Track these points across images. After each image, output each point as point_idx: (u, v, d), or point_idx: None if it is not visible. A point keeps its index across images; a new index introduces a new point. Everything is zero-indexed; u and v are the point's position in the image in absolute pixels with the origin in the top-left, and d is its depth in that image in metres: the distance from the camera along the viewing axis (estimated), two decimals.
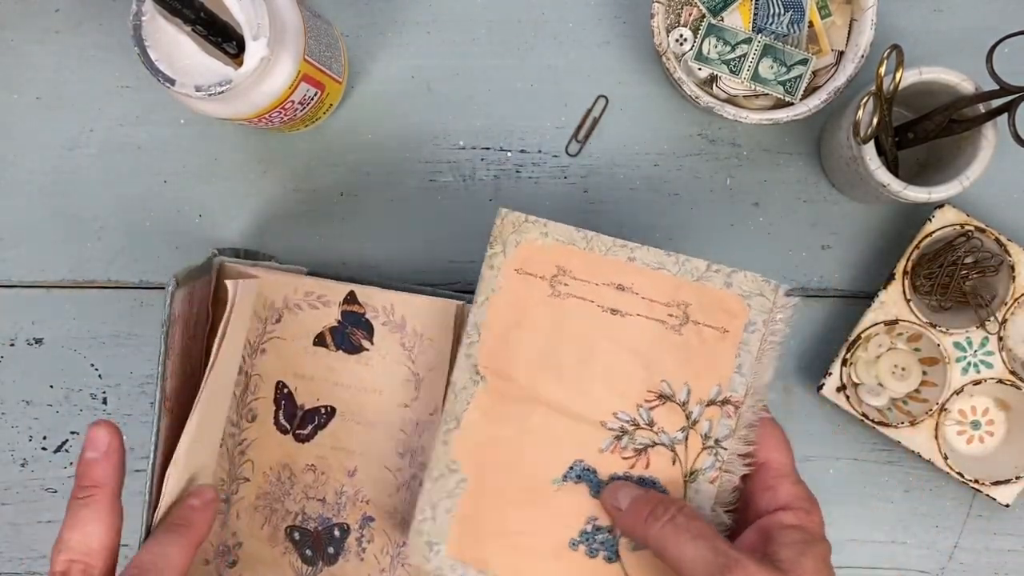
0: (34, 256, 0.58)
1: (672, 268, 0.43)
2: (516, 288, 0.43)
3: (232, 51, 0.45)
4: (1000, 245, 0.53)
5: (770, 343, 0.41)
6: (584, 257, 0.43)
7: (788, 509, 0.40)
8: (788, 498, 0.40)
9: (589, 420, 0.42)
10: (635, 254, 0.43)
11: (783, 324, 0.41)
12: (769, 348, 0.41)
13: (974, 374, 0.54)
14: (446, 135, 0.58)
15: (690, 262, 0.42)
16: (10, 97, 0.58)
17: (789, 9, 0.52)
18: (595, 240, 0.43)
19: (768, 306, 0.41)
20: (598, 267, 0.43)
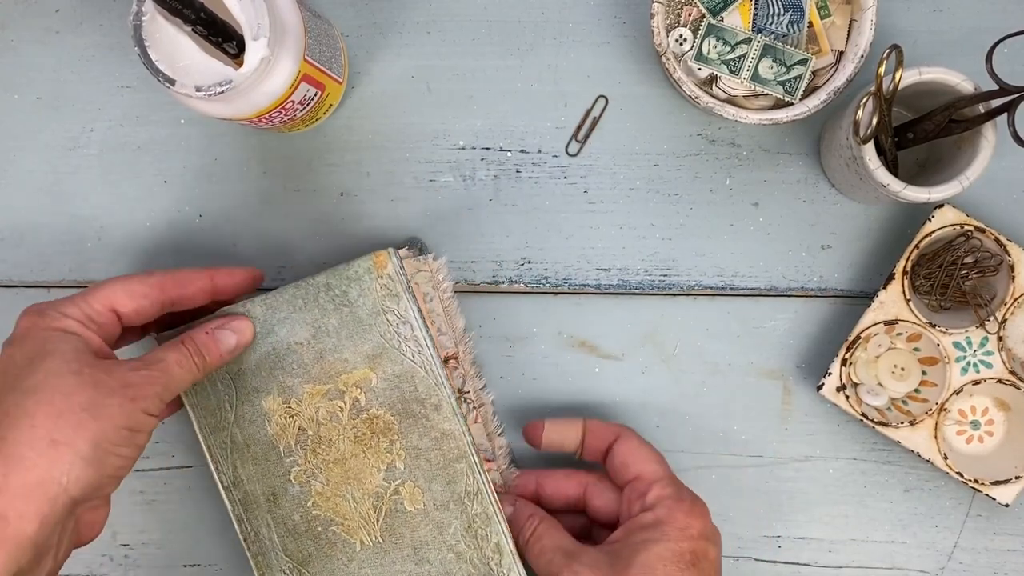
0: (34, 256, 0.58)
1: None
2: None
3: (232, 51, 0.45)
4: (1000, 245, 0.53)
5: (448, 301, 0.52)
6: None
7: (650, 508, 0.45)
8: (654, 500, 0.46)
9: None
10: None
11: (447, 282, 0.52)
12: (450, 304, 0.52)
13: (974, 374, 0.54)
14: (446, 135, 0.58)
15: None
16: (10, 97, 0.58)
17: (789, 9, 0.52)
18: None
19: (429, 275, 0.51)
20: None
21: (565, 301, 0.58)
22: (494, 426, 0.52)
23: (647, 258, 0.57)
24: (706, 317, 0.57)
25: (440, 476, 0.48)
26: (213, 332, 0.47)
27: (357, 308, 0.48)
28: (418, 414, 0.48)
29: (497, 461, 0.51)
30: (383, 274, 0.48)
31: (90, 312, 0.44)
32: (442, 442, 0.48)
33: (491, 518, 0.48)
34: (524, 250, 0.58)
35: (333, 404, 0.48)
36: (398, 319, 0.48)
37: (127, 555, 0.58)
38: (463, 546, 0.48)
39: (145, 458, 0.58)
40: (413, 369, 0.48)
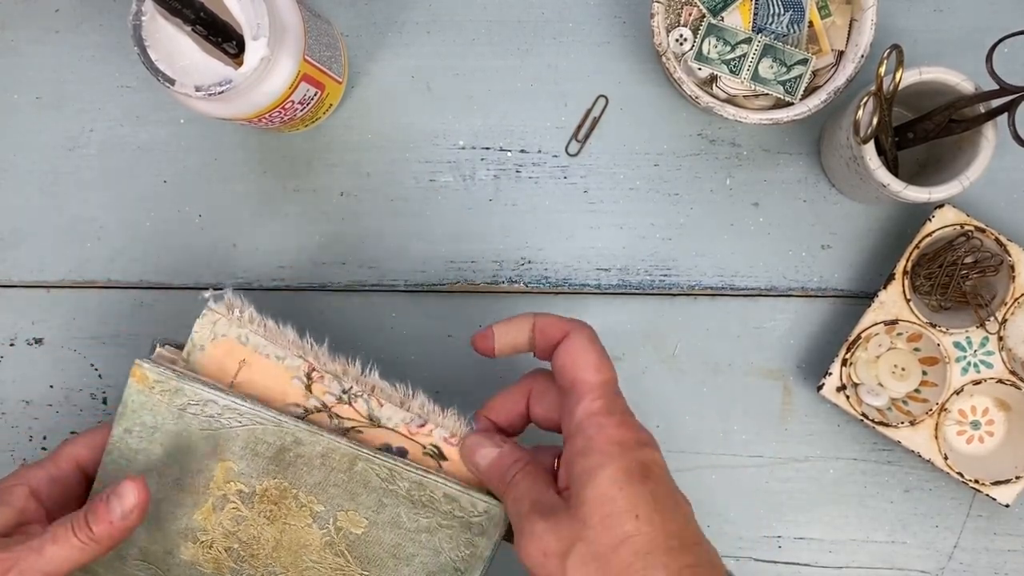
0: (34, 256, 0.58)
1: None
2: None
3: (232, 51, 0.45)
4: (1000, 245, 0.53)
5: (264, 326, 0.46)
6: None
7: (579, 432, 0.39)
8: (581, 417, 0.39)
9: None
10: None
11: (248, 308, 0.46)
12: (270, 327, 0.47)
13: (974, 374, 0.54)
14: (446, 135, 0.58)
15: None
16: (10, 97, 0.58)
17: (789, 9, 0.52)
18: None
19: (230, 319, 0.46)
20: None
21: (565, 301, 0.58)
22: (402, 393, 0.47)
23: (647, 258, 0.57)
24: (706, 317, 0.57)
25: (354, 488, 0.46)
26: (105, 499, 0.41)
27: (163, 426, 0.45)
28: (290, 459, 0.45)
29: (430, 421, 0.46)
30: (151, 385, 0.44)
31: (53, 472, 0.44)
32: (328, 462, 0.45)
33: (421, 483, 0.45)
34: (524, 250, 0.57)
35: (228, 511, 0.46)
36: (197, 405, 0.45)
37: None
38: (424, 520, 0.46)
39: None
40: (250, 432, 0.45)
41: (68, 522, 0.40)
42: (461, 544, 0.46)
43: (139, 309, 0.58)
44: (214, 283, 0.58)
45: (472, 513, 0.45)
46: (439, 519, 0.45)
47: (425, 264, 0.58)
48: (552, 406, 0.43)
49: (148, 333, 0.58)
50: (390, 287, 0.58)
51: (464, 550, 0.46)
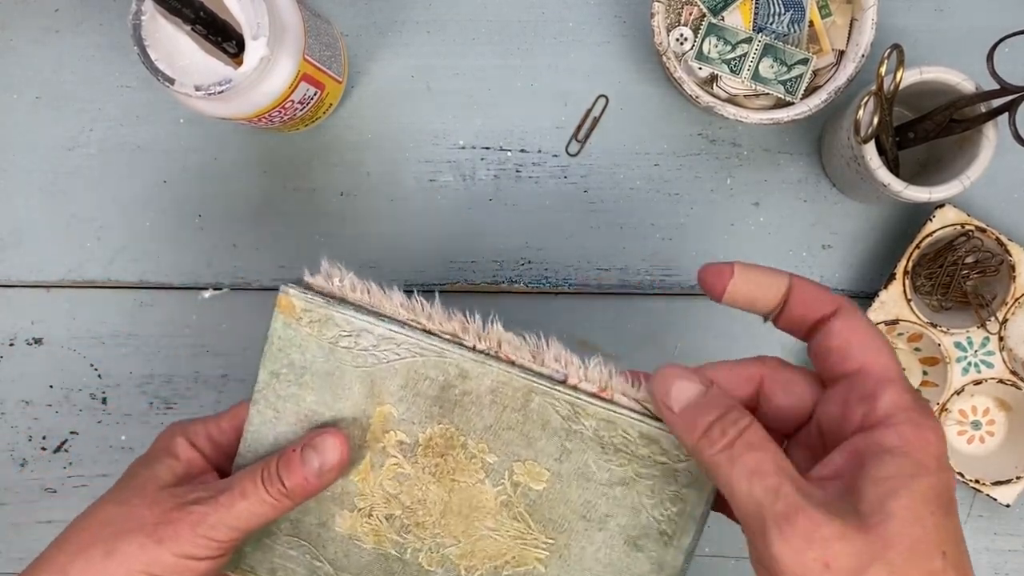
0: (33, 256, 0.58)
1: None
2: None
3: (232, 51, 0.45)
4: (1000, 245, 0.53)
5: (364, 291, 0.40)
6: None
7: (890, 425, 0.30)
8: (891, 408, 0.31)
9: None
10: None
11: (347, 277, 0.40)
12: (370, 291, 0.40)
13: (975, 374, 0.54)
14: (446, 135, 0.58)
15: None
16: (10, 97, 0.58)
17: (789, 8, 0.52)
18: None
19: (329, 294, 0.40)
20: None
21: (565, 301, 0.58)
22: (532, 344, 0.40)
23: (647, 258, 0.57)
24: (706, 317, 0.57)
25: (531, 430, 0.38)
26: (299, 451, 0.38)
27: (313, 366, 0.39)
28: (455, 397, 0.39)
29: (571, 374, 0.38)
30: (299, 314, 0.39)
31: (212, 432, 0.41)
32: (499, 399, 0.38)
33: (611, 420, 0.37)
34: (524, 250, 0.57)
35: (386, 468, 0.40)
36: (350, 337, 0.39)
37: None
38: (617, 469, 0.37)
39: None
40: (409, 366, 0.39)
41: (256, 475, 0.37)
42: (666, 499, 0.37)
43: (139, 309, 0.58)
44: (214, 283, 0.58)
45: (677, 457, 0.37)
46: (636, 466, 0.37)
47: (425, 264, 0.58)
48: (803, 396, 0.34)
49: (148, 333, 0.58)
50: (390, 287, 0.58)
51: (670, 507, 0.37)
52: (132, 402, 0.58)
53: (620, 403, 0.37)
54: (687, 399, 0.33)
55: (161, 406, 0.58)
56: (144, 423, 0.58)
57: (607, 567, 0.39)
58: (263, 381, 0.39)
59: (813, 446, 0.34)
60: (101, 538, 0.37)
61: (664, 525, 0.37)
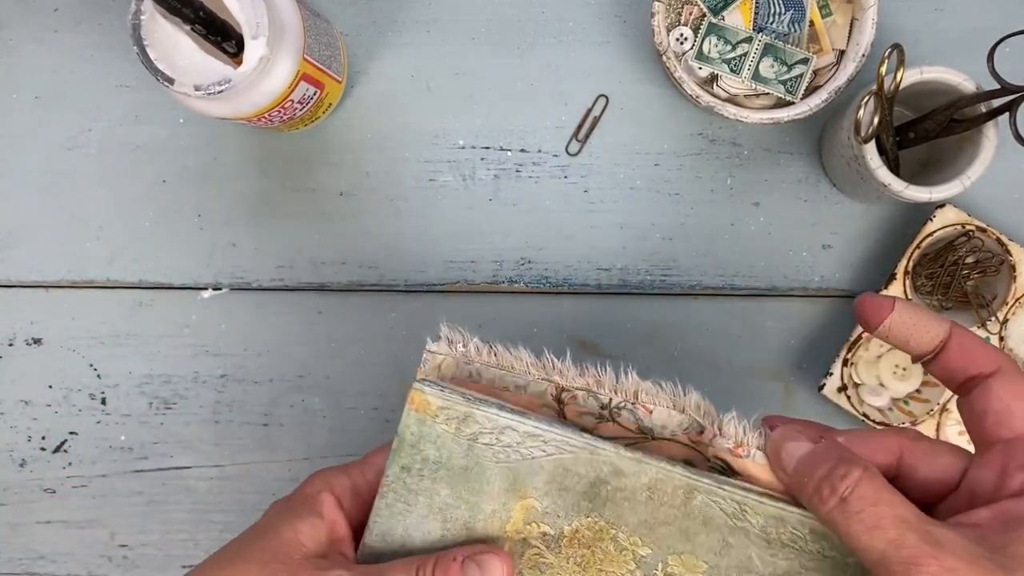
0: (33, 256, 0.58)
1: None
2: None
3: (231, 50, 0.45)
4: (1001, 245, 0.53)
5: (490, 357, 0.40)
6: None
7: None
8: None
9: None
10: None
11: (472, 342, 0.39)
12: (497, 356, 0.40)
13: None
14: (446, 135, 0.57)
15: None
16: (9, 97, 0.58)
17: (790, 8, 0.52)
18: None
19: (456, 358, 0.40)
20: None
21: (565, 301, 0.57)
22: (670, 392, 0.39)
23: (648, 258, 0.57)
24: (707, 317, 0.57)
25: (691, 526, 0.37)
26: (460, 561, 0.35)
27: (449, 462, 0.38)
28: (608, 493, 0.37)
29: (708, 426, 0.37)
30: (434, 412, 0.38)
31: (359, 486, 0.39)
32: (657, 495, 0.37)
33: (779, 516, 0.35)
34: (524, 250, 0.57)
35: (528, 559, 0.38)
36: (492, 434, 0.38)
37: (126, 555, 0.58)
38: (782, 563, 0.36)
39: (143, 458, 0.58)
40: (556, 463, 0.37)
41: (412, 570, 0.35)
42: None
43: (138, 309, 0.58)
44: (213, 283, 0.58)
45: (848, 552, 0.35)
46: (803, 561, 0.36)
47: (425, 264, 0.58)
48: (948, 469, 0.33)
49: (147, 333, 0.58)
50: (390, 287, 0.58)
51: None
52: (131, 402, 0.58)
53: (789, 500, 0.36)
54: (797, 458, 0.32)
55: (160, 406, 0.58)
56: (143, 423, 0.58)
57: None
58: (393, 475, 0.38)
59: (959, 511, 0.32)
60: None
61: None
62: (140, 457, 0.57)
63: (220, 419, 0.57)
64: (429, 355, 0.39)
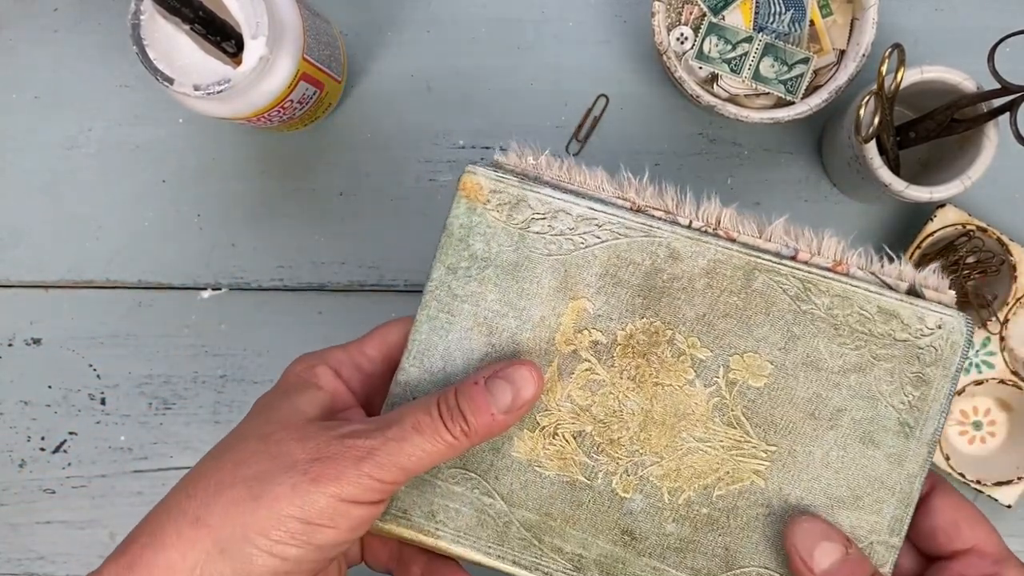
0: (32, 256, 0.58)
1: None
2: None
3: (231, 50, 0.45)
4: (1002, 245, 0.53)
5: (561, 171, 0.37)
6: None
7: None
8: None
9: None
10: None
11: (543, 155, 0.37)
12: (568, 171, 0.37)
13: (976, 374, 0.53)
14: (446, 134, 0.57)
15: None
16: (8, 96, 0.58)
17: (790, 8, 0.52)
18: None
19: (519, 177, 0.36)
20: None
21: None
22: (755, 221, 0.36)
23: None
24: None
25: (753, 315, 0.33)
26: (484, 382, 0.32)
27: (498, 257, 0.34)
28: (664, 284, 0.34)
29: (802, 248, 0.35)
30: (486, 197, 0.35)
31: (358, 360, 0.36)
32: (716, 282, 0.33)
33: (846, 295, 0.33)
34: None
35: (579, 376, 0.34)
36: (544, 220, 0.34)
37: None
38: (852, 354, 0.33)
39: (143, 459, 0.57)
40: (611, 248, 0.34)
41: (432, 407, 0.32)
42: (907, 383, 0.33)
43: (138, 309, 0.58)
44: (213, 283, 0.58)
45: (921, 331, 0.32)
46: (874, 347, 0.33)
47: (425, 264, 0.57)
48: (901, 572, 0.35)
49: (147, 333, 0.58)
50: (390, 287, 0.58)
51: (912, 392, 0.33)
52: (131, 402, 0.58)
53: (857, 276, 0.33)
54: (830, 563, 0.32)
55: (160, 406, 0.58)
56: (143, 423, 0.57)
57: (838, 472, 0.33)
58: (437, 279, 0.35)
59: None
60: (243, 479, 0.31)
61: (905, 414, 0.33)
62: (140, 457, 0.57)
63: (220, 419, 0.57)
64: (494, 162, 0.35)
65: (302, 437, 0.31)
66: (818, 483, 0.33)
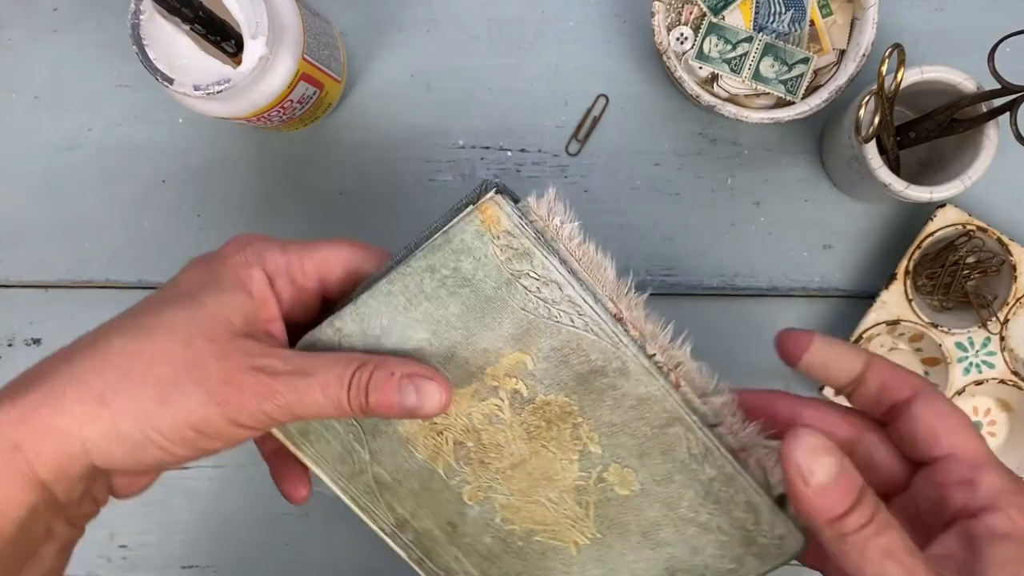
0: (32, 256, 0.58)
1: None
2: None
3: (231, 50, 0.45)
4: (1002, 245, 0.53)
5: (578, 248, 0.38)
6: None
7: (997, 510, 0.32)
8: (994, 493, 0.32)
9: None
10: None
11: (569, 225, 0.38)
12: (585, 253, 0.38)
13: (976, 374, 0.53)
14: (446, 134, 0.57)
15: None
16: (8, 96, 0.58)
17: (790, 8, 0.52)
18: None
19: (544, 224, 0.37)
20: None
21: None
22: (712, 386, 0.38)
23: (648, 258, 0.57)
24: (707, 317, 0.57)
25: (652, 448, 0.37)
26: (400, 379, 0.35)
27: (478, 284, 0.36)
28: (601, 386, 0.37)
29: (724, 424, 0.37)
30: (498, 232, 0.35)
31: (295, 272, 0.37)
32: (642, 409, 0.37)
33: (732, 477, 0.36)
34: None
35: (487, 404, 0.38)
36: (537, 282, 0.36)
37: (125, 556, 0.57)
38: (704, 516, 0.37)
39: None
40: (577, 336, 0.36)
41: (344, 374, 0.34)
42: (727, 557, 0.38)
43: None
44: None
45: (764, 533, 0.37)
46: (722, 521, 0.37)
47: None
48: (892, 467, 0.36)
49: None
50: None
51: (727, 564, 0.38)
52: None
53: (751, 468, 0.37)
54: (830, 476, 0.30)
55: None
56: None
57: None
58: (415, 268, 0.36)
59: (911, 518, 0.34)
60: (155, 378, 0.32)
61: (711, 574, 0.38)
62: None
63: None
64: (523, 206, 0.36)
65: (221, 354, 0.33)
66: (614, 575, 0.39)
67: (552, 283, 0.36)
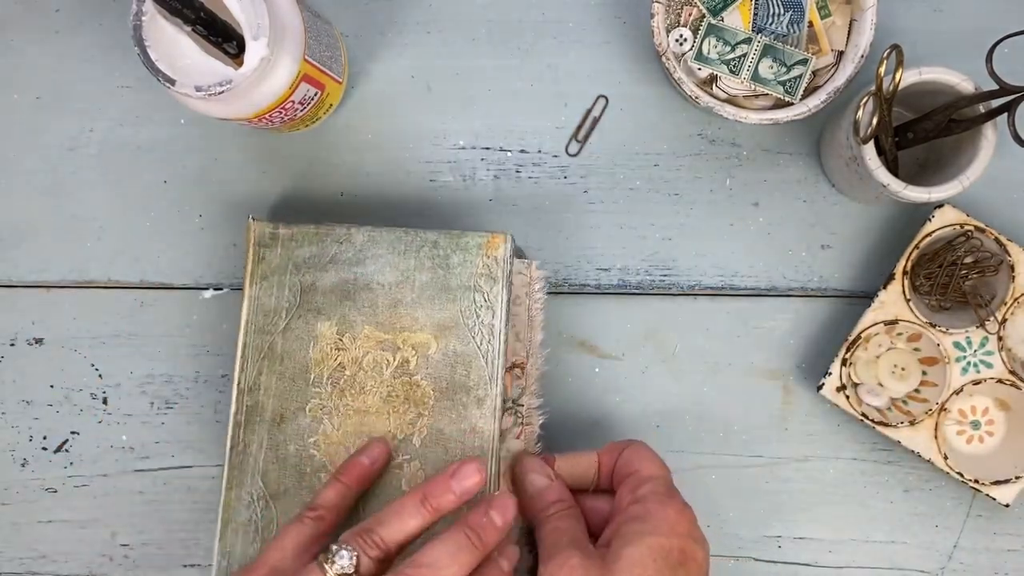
0: (34, 256, 0.58)
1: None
2: None
3: (232, 51, 0.45)
4: (1000, 245, 0.53)
5: (536, 311, 0.51)
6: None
7: (640, 502, 0.44)
8: (645, 492, 0.45)
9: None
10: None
11: (541, 293, 0.51)
12: (536, 315, 0.51)
13: (974, 374, 0.54)
14: (446, 135, 0.58)
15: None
16: (10, 97, 0.58)
17: (789, 9, 0.52)
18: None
19: (526, 280, 0.50)
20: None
21: (565, 301, 0.58)
22: (536, 450, 0.50)
23: (647, 258, 0.57)
24: (706, 317, 0.57)
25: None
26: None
27: (451, 275, 0.47)
28: (458, 401, 0.46)
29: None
30: (490, 254, 0.47)
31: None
32: (468, 437, 0.46)
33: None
34: (524, 250, 0.57)
35: (383, 355, 0.47)
36: (484, 302, 0.47)
37: (127, 555, 0.58)
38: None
39: (145, 458, 0.58)
40: (475, 354, 0.46)
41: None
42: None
43: (139, 309, 0.58)
44: (214, 283, 0.58)
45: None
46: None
47: None
48: (600, 507, 0.49)
49: (148, 333, 0.58)
50: None
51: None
52: (133, 402, 0.58)
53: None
54: (539, 487, 0.47)
55: (162, 406, 0.58)
56: (144, 423, 0.58)
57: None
58: (428, 237, 0.50)
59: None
60: None
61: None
62: (141, 456, 0.58)
63: (221, 419, 0.57)
64: (523, 259, 0.52)
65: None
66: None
67: (491, 310, 0.47)
